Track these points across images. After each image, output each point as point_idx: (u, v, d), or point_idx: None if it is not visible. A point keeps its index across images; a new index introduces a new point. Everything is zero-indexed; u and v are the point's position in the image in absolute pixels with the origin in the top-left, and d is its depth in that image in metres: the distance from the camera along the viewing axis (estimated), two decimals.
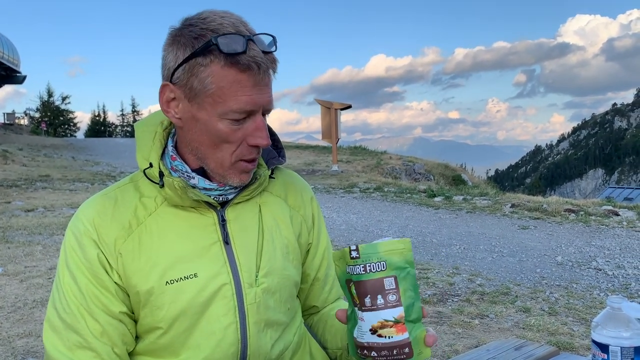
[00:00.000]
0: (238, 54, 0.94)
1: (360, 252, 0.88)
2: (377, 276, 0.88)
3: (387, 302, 0.88)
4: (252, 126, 1.00)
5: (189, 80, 0.98)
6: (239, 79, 0.96)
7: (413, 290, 0.91)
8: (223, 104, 0.97)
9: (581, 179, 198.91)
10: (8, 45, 35.20)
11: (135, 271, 1.04)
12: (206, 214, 1.09)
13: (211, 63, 0.95)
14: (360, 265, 0.88)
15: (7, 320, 4.35)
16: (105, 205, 1.08)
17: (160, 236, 1.06)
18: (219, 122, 0.99)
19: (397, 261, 0.89)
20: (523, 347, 1.66)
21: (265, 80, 0.99)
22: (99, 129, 57.94)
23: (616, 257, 6.72)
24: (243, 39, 0.94)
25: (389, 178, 17.84)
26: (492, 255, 7.00)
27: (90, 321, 1.03)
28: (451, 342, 4.02)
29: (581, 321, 4.51)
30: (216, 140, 1.01)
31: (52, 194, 12.26)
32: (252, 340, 1.09)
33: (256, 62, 0.95)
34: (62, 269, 1.07)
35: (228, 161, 1.03)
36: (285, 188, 1.22)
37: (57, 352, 1.03)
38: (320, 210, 1.30)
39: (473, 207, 10.78)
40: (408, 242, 0.91)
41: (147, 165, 1.07)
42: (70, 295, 1.04)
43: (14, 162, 19.22)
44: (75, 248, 1.06)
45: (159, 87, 1.03)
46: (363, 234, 8.42)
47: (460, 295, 5.26)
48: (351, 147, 27.53)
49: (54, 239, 7.40)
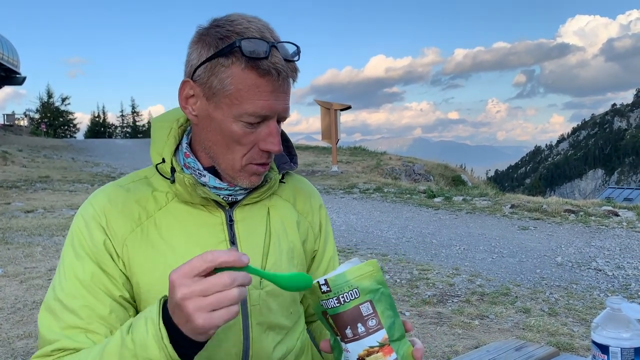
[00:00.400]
0: (260, 58, 0.95)
1: (330, 285, 0.86)
2: (353, 305, 0.86)
3: (368, 329, 0.87)
4: (266, 131, 1.01)
5: (209, 79, 0.99)
6: (257, 83, 0.96)
7: (391, 309, 0.90)
8: (239, 105, 0.98)
9: (581, 179, 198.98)
10: (8, 46, 35.20)
11: (139, 263, 1.04)
12: (214, 213, 1.09)
13: (232, 65, 0.96)
14: (333, 299, 0.86)
15: (7, 322, 4.35)
16: (117, 194, 1.09)
17: (167, 231, 1.06)
18: (234, 123, 0.99)
19: (369, 285, 0.88)
20: (523, 348, 1.66)
21: (284, 88, 0.99)
22: (99, 130, 57.94)
23: (616, 258, 6.72)
24: (267, 45, 0.95)
25: (388, 179, 17.84)
26: (492, 256, 7.00)
27: (92, 303, 1.02)
28: (451, 343, 4.01)
29: (581, 322, 4.51)
30: (229, 141, 1.01)
31: (51, 195, 12.26)
32: (254, 342, 1.09)
33: (276, 68, 0.96)
34: (67, 251, 1.06)
35: (239, 163, 1.03)
36: (294, 193, 1.23)
37: (50, 333, 1.00)
38: (329, 218, 1.31)
39: (473, 207, 10.79)
40: (375, 263, 0.90)
41: (159, 160, 1.08)
42: (72, 277, 1.03)
43: (14, 163, 19.22)
44: (83, 231, 1.06)
45: (180, 83, 1.04)
46: (363, 235, 8.42)
47: (460, 296, 5.26)
48: (351, 147, 27.53)
49: (53, 240, 7.40)
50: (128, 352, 0.84)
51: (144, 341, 0.82)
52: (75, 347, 0.99)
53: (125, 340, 0.85)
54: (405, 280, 5.80)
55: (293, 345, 1.17)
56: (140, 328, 0.84)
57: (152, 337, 0.82)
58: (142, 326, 0.84)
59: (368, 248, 7.48)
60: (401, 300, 5.11)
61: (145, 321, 0.84)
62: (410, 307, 4.92)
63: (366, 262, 0.89)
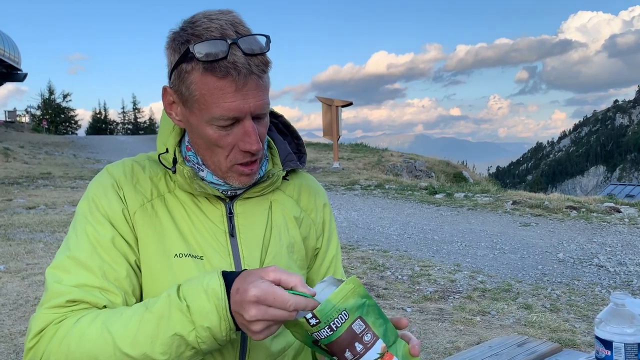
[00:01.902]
0: (217, 60, 0.92)
1: (319, 316, 0.84)
2: (346, 327, 0.85)
3: (366, 345, 0.86)
4: (241, 132, 0.99)
5: (179, 86, 0.99)
6: (219, 86, 0.94)
7: (380, 317, 0.89)
8: (207, 110, 0.96)
9: (582, 176, 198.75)
10: (9, 43, 35.20)
11: (142, 238, 1.06)
12: (215, 205, 1.11)
13: (193, 70, 0.95)
14: (325, 329, 0.85)
15: (9, 318, 4.36)
16: (134, 169, 1.11)
17: (174, 213, 1.08)
18: (208, 127, 0.98)
19: (355, 302, 0.87)
20: (525, 344, 1.65)
21: (250, 85, 0.95)
22: (100, 126, 57.92)
23: (618, 254, 6.72)
24: (226, 44, 0.92)
25: (390, 175, 17.83)
26: (493, 252, 6.99)
27: (109, 264, 1.01)
28: (453, 339, 4.01)
29: (583, 318, 4.50)
30: (209, 145, 1.01)
31: (53, 192, 12.28)
32: None
33: (236, 67, 0.92)
34: (83, 215, 1.06)
35: (224, 165, 1.03)
36: (299, 190, 1.23)
37: (61, 286, 0.97)
38: (334, 217, 1.30)
39: (474, 204, 10.78)
40: (355, 280, 0.88)
41: (164, 150, 1.09)
42: (88, 239, 1.02)
43: (16, 159, 19.24)
44: (101, 197, 1.06)
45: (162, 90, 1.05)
46: (364, 231, 8.41)
47: (461, 292, 5.26)
48: (352, 144, 27.51)
49: (55, 237, 7.41)
50: (182, 316, 0.87)
51: (205, 311, 0.86)
52: (91, 302, 0.97)
53: (178, 305, 0.87)
54: (407, 276, 5.80)
55: (293, 340, 1.17)
56: (200, 298, 0.86)
57: (214, 309, 0.85)
58: (201, 296, 0.86)
59: (369, 244, 7.48)
60: (403, 297, 5.11)
61: (206, 293, 0.86)
62: (412, 303, 4.92)
63: (346, 281, 0.88)
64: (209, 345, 0.88)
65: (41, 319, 0.96)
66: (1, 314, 4.43)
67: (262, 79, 0.97)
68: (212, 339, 0.87)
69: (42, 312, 0.97)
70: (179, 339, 0.87)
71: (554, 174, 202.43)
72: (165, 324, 0.87)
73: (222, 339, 0.88)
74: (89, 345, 0.91)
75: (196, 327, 0.86)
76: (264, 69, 0.96)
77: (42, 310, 0.97)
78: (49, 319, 0.96)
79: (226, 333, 0.87)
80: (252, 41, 0.95)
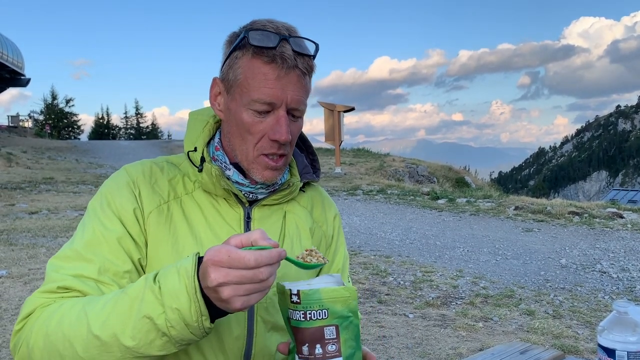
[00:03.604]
0: (267, 47, 0.99)
1: (301, 297, 0.83)
2: (317, 324, 0.84)
3: (325, 353, 0.85)
4: (274, 120, 1.03)
5: (228, 73, 1.05)
6: (263, 71, 1.00)
7: (355, 340, 0.88)
8: (247, 93, 1.02)
9: (585, 181, 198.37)
10: (12, 48, 35.36)
11: (156, 238, 1.07)
12: (234, 208, 1.13)
13: (243, 55, 1.02)
14: (300, 312, 0.84)
15: (11, 323, 4.35)
16: (152, 170, 1.13)
17: (189, 216, 1.10)
18: (244, 112, 1.03)
19: (340, 310, 0.85)
20: (528, 351, 1.65)
21: (291, 78, 1.01)
22: (103, 131, 58.05)
23: (621, 260, 6.70)
24: (277, 37, 0.99)
25: (392, 180, 17.82)
26: (495, 258, 6.98)
27: (111, 260, 1.01)
28: (455, 345, 4.00)
29: (586, 324, 4.48)
30: (242, 131, 1.05)
31: (56, 197, 12.29)
32: (258, 339, 1.10)
33: (282, 56, 0.99)
34: (94, 210, 1.07)
35: (252, 154, 1.06)
36: (312, 201, 1.26)
37: (58, 274, 0.99)
38: (342, 230, 1.33)
39: (477, 209, 10.76)
40: (354, 291, 0.88)
41: (192, 148, 1.12)
42: (95, 233, 1.03)
43: (18, 164, 19.28)
44: (115, 194, 1.07)
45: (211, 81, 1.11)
46: (366, 237, 8.40)
47: (464, 298, 5.25)
48: (354, 149, 27.52)
49: (57, 242, 7.42)
50: (153, 298, 0.83)
51: (174, 291, 0.82)
52: (83, 291, 0.97)
53: (151, 287, 0.84)
54: (409, 282, 5.78)
55: None
56: (171, 278, 0.83)
57: (184, 288, 0.82)
58: (173, 276, 0.83)
59: (371, 250, 7.47)
60: (405, 303, 5.09)
61: (178, 272, 0.83)
62: (414, 309, 4.90)
63: (345, 287, 0.87)
64: (179, 332, 0.83)
65: (32, 302, 0.97)
66: (3, 319, 4.43)
67: (304, 79, 1.03)
68: (183, 324, 0.83)
69: (34, 296, 0.98)
70: (149, 322, 0.83)
71: (556, 179, 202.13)
72: (138, 306, 0.84)
73: (194, 325, 0.83)
74: (66, 327, 0.89)
75: (165, 309, 0.82)
76: (307, 70, 1.03)
77: (34, 294, 0.99)
78: (38, 303, 0.96)
79: (197, 317, 0.82)
80: (302, 43, 1.03)
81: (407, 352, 3.90)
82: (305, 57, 1.02)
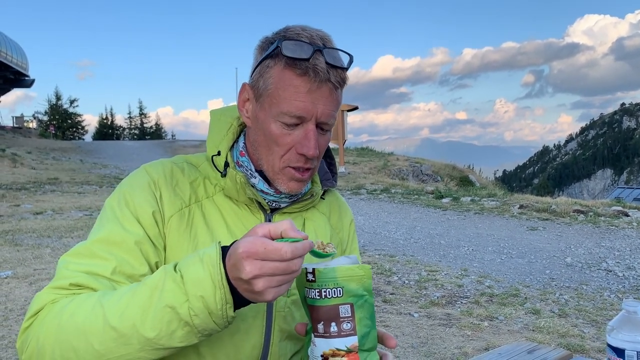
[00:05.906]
0: (300, 59, 0.96)
1: (316, 276, 0.84)
2: (333, 303, 0.84)
3: (340, 331, 0.85)
4: (302, 134, 1.00)
5: (258, 81, 1.02)
6: (295, 84, 0.97)
7: (370, 319, 0.88)
8: (277, 105, 0.99)
9: (589, 179, 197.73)
10: (17, 49, 35.48)
11: (176, 242, 1.04)
12: (255, 214, 1.11)
13: (275, 65, 0.99)
14: (315, 290, 0.85)
15: (17, 323, 4.36)
16: (173, 171, 1.09)
17: (209, 220, 1.07)
18: (273, 123, 1.01)
19: (355, 288, 0.86)
20: (535, 351, 1.64)
21: (323, 92, 0.98)
22: (107, 132, 58.19)
23: (626, 258, 6.67)
24: (311, 48, 0.96)
25: (396, 179, 17.80)
26: (500, 257, 6.96)
27: (127, 260, 0.97)
28: (460, 345, 3.99)
29: (592, 323, 4.46)
30: (269, 142, 1.03)
31: (60, 197, 12.33)
32: (273, 348, 1.09)
33: (315, 69, 0.96)
34: (111, 210, 1.03)
35: (277, 165, 1.04)
36: (329, 208, 1.25)
37: (69, 271, 0.95)
38: (356, 235, 1.33)
39: (481, 208, 10.74)
40: (368, 269, 0.88)
41: (215, 152, 1.10)
42: (105, 232, 0.99)
43: (23, 165, 19.34)
44: (133, 193, 1.03)
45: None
46: (370, 236, 8.40)
47: (469, 297, 5.23)
48: (358, 148, 27.51)
49: (62, 242, 7.43)
50: (175, 287, 0.81)
51: (198, 279, 0.80)
52: (96, 288, 0.93)
53: (173, 276, 0.82)
54: (414, 281, 5.77)
55: None
56: (194, 266, 0.82)
57: (209, 276, 0.80)
58: (196, 264, 0.82)
59: (376, 249, 7.46)
60: (410, 302, 5.08)
61: (201, 261, 0.81)
62: (419, 308, 4.89)
63: (359, 265, 0.88)
64: (202, 321, 0.81)
65: (41, 298, 0.93)
66: (9, 320, 4.44)
67: (336, 92, 1.00)
68: (206, 313, 0.81)
69: (44, 292, 0.95)
70: (171, 311, 0.81)
71: (560, 177, 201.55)
72: (158, 296, 0.82)
73: (217, 313, 0.81)
74: (80, 319, 0.86)
75: (189, 297, 0.80)
76: (340, 83, 1.00)
77: (44, 290, 0.95)
78: (49, 299, 0.93)
79: (221, 305, 0.80)
80: (336, 55, 0.99)
81: (412, 352, 3.89)
82: (338, 69, 0.99)
